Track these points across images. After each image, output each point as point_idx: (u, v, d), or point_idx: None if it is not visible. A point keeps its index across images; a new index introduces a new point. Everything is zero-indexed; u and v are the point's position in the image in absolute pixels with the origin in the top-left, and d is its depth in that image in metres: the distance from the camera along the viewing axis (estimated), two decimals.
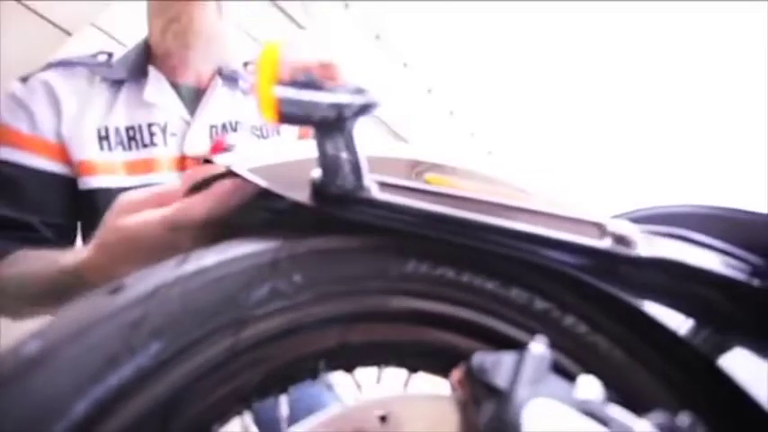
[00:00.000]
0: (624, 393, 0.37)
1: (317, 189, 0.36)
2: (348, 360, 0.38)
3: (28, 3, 1.34)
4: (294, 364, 0.35)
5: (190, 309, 0.30)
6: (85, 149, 0.74)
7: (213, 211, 0.39)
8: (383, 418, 0.27)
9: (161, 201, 0.42)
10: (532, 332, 0.38)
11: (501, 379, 0.27)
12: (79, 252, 0.52)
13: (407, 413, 0.29)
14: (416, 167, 0.43)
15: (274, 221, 0.42)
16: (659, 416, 0.27)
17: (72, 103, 0.75)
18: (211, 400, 0.32)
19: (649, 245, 0.40)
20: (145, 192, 0.44)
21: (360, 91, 0.31)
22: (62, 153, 0.75)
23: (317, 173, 0.36)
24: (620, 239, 0.39)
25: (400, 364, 0.40)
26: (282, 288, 0.34)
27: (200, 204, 0.39)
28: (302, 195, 0.37)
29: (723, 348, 0.45)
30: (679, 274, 0.40)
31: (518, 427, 0.24)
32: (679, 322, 0.45)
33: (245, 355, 0.33)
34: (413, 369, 0.40)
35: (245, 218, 0.44)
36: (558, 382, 0.28)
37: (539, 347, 0.29)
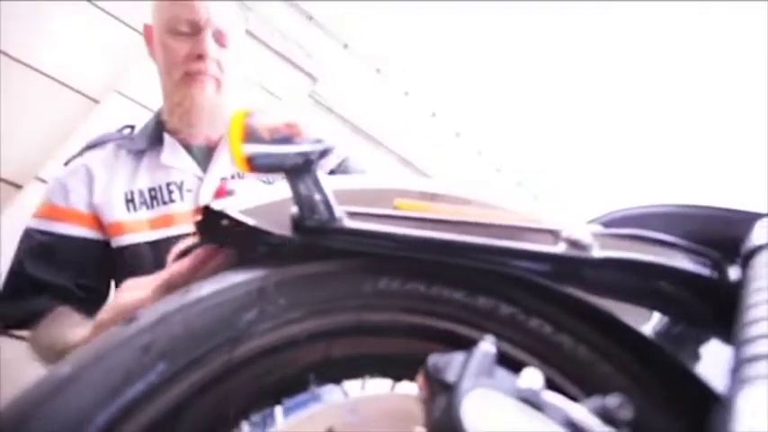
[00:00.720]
0: (590, 386, 0.40)
1: (296, 223, 0.42)
2: (335, 372, 0.42)
3: (52, 74, 1.51)
4: (286, 377, 0.40)
5: (190, 332, 0.36)
6: (114, 213, 0.86)
7: (196, 272, 0.48)
8: (352, 414, 0.32)
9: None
10: (498, 336, 0.42)
11: (451, 375, 0.31)
12: (86, 328, 0.61)
13: (376, 411, 0.33)
14: (390, 194, 0.49)
15: (271, 253, 0.48)
16: (594, 400, 0.30)
17: (102, 176, 0.88)
18: (213, 411, 0.37)
19: (604, 246, 0.43)
20: (146, 278, 0.54)
21: (319, 141, 0.37)
22: (94, 220, 0.87)
23: (294, 210, 0.42)
24: (574, 244, 0.42)
25: (384, 374, 0.44)
26: (270, 310, 0.39)
27: (186, 267, 0.48)
28: (286, 229, 0.43)
29: (699, 341, 0.47)
30: (635, 272, 0.43)
31: (458, 415, 0.28)
32: (653, 318, 0.47)
33: (241, 370, 0.38)
34: (396, 378, 0.44)
35: (249, 251, 0.50)
36: (503, 374, 0.32)
37: (485, 345, 0.33)
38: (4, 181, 1.41)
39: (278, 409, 0.41)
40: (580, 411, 0.29)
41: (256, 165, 0.37)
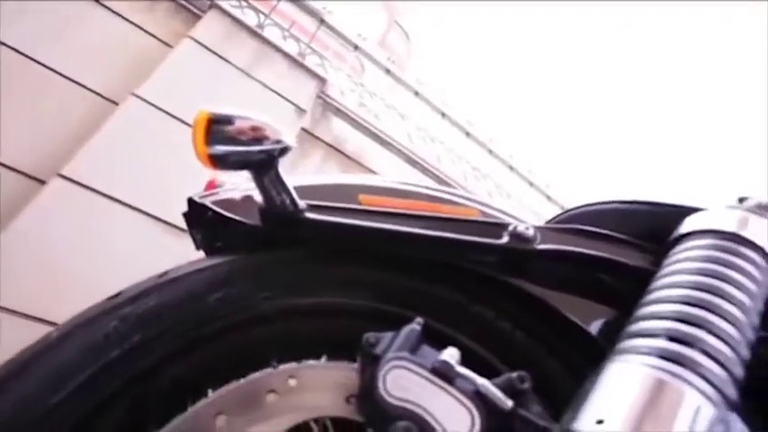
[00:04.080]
0: (524, 370, 0.43)
1: (263, 215, 0.47)
2: (295, 350, 0.46)
3: (73, 76, 1.62)
4: (249, 353, 0.45)
5: (162, 306, 0.41)
6: None
7: None
8: (291, 379, 0.36)
9: None
10: (446, 321, 0.46)
11: (379, 349, 0.35)
12: None
13: (315, 378, 0.37)
14: (356, 190, 0.53)
15: (243, 240, 0.53)
16: (502, 376, 0.33)
17: None
18: (183, 379, 0.42)
19: (547, 240, 0.46)
20: None
21: (280, 141, 0.42)
22: None
23: (261, 202, 0.46)
24: (517, 236, 0.45)
25: (342, 353, 0.48)
26: (235, 292, 0.44)
27: None
28: (256, 220, 0.48)
29: None
30: (575, 263, 0.46)
31: (377, 383, 0.32)
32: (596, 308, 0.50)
33: (208, 344, 0.43)
34: (353, 359, 0.48)
35: (226, 239, 0.55)
36: (427, 350, 0.35)
37: (413, 324, 0.37)
38: (28, 176, 1.52)
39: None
40: (487, 384, 0.32)
41: (226, 163, 0.42)
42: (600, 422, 0.22)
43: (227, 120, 0.41)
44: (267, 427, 0.34)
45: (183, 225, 0.60)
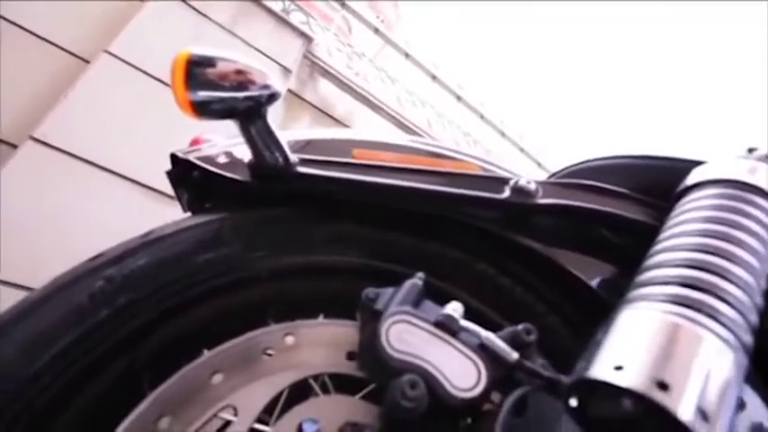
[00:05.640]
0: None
1: (253, 169, 0.44)
2: (289, 309, 0.45)
3: (42, 34, 1.50)
4: (244, 313, 0.43)
5: (150, 267, 0.39)
6: None
7: None
8: (288, 336, 0.35)
9: None
10: (447, 279, 0.45)
11: (380, 304, 0.34)
12: None
13: (313, 335, 0.36)
14: (350, 145, 0.50)
15: (233, 198, 0.50)
16: (507, 330, 0.33)
17: None
18: (176, 340, 0.40)
19: (549, 194, 0.44)
20: None
21: (267, 86, 0.38)
22: None
23: (250, 156, 0.44)
24: (519, 191, 0.44)
25: (338, 313, 0.47)
26: (226, 251, 0.42)
27: None
28: (245, 175, 0.45)
29: None
30: (577, 218, 0.44)
31: (380, 337, 0.31)
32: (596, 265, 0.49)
33: (200, 304, 0.41)
34: (350, 317, 0.47)
35: (214, 197, 0.52)
36: (429, 305, 0.34)
37: (414, 279, 0.35)
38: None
39: None
40: (492, 336, 0.32)
41: (208, 110, 0.38)
42: (619, 368, 0.21)
43: (209, 61, 0.37)
44: (265, 385, 0.33)
45: (163, 188, 0.57)
